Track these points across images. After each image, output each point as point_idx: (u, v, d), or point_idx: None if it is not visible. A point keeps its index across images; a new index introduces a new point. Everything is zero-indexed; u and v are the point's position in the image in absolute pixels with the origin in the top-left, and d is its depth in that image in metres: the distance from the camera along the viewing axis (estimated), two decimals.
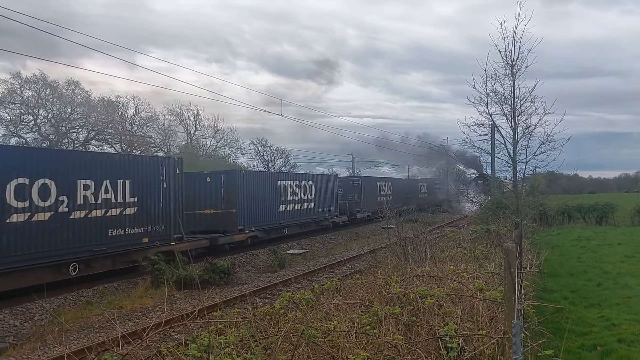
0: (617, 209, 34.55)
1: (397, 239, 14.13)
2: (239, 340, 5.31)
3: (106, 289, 16.63)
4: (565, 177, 78.03)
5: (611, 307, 10.88)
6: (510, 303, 4.83)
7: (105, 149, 53.89)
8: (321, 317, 6.26)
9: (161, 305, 14.50)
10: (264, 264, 22.47)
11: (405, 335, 5.64)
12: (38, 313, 13.93)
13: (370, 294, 7.39)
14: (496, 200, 23.03)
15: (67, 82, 49.68)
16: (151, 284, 17.24)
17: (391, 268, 10.59)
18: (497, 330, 5.75)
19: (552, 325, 9.14)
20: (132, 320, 13.61)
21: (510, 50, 17.77)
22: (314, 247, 28.59)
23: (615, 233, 26.83)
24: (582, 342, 8.58)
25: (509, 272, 4.84)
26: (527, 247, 13.80)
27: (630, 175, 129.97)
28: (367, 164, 74.77)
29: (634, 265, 16.11)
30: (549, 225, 32.98)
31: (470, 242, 14.49)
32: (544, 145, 18.12)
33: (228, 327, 6.33)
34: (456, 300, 6.74)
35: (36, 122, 48.83)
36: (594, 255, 18.87)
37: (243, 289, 16.93)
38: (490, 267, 9.13)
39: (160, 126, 59.14)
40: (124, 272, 18.34)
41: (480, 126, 19.68)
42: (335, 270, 20.46)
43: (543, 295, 11.71)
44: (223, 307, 12.94)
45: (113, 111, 53.81)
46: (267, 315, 6.72)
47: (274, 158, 72.31)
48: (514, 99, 18.24)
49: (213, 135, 63.73)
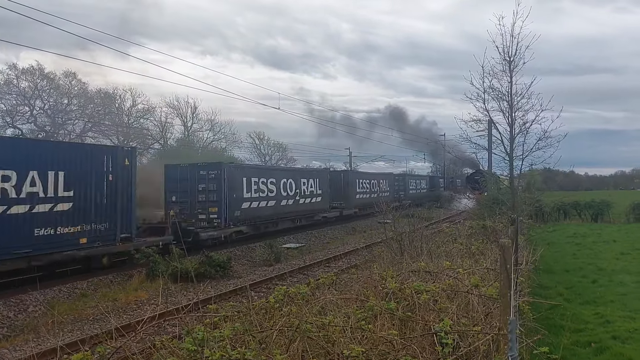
0: (613, 206, 34.66)
1: (393, 234, 14.11)
2: (234, 334, 5.29)
3: (101, 281, 16.58)
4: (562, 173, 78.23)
5: (606, 304, 10.90)
6: (506, 299, 4.81)
7: (102, 141, 53.76)
8: (316, 311, 6.24)
9: (156, 298, 14.47)
10: (260, 257, 22.45)
11: (400, 331, 5.62)
12: (32, 305, 13.88)
13: (366, 289, 7.37)
14: (492, 196, 23.06)
15: (64, 73, 49.53)
16: (146, 276, 17.22)
17: (387, 263, 10.58)
18: (492, 326, 5.73)
19: (547, 321, 9.14)
20: (127, 313, 13.58)
21: (507, 47, 17.77)
22: (310, 241, 28.57)
23: (610, 230, 26.90)
24: (577, 338, 8.60)
25: (505, 269, 4.82)
26: (522, 243, 13.81)
27: (626, 172, 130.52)
28: (363, 158, 74.90)
29: (629, 263, 16.15)
30: (544, 222, 33.05)
31: (467, 237, 14.49)
32: (540, 142, 18.16)
33: (223, 320, 6.31)
34: (452, 296, 6.73)
35: (32, 113, 48.66)
36: (589, 252, 18.92)
37: (239, 282, 16.93)
38: (486, 263, 9.12)
39: (157, 119, 59.01)
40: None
41: (477, 122, 19.72)
42: (331, 264, 20.47)
43: (538, 292, 11.71)
44: (218, 301, 12.93)
45: (110, 103, 53.65)
46: (262, 309, 6.70)
47: (271, 152, 72.29)
48: (511, 95, 18.27)
49: (210, 128, 63.58)
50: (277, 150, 72.56)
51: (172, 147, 57.35)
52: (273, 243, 23.20)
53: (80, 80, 51.01)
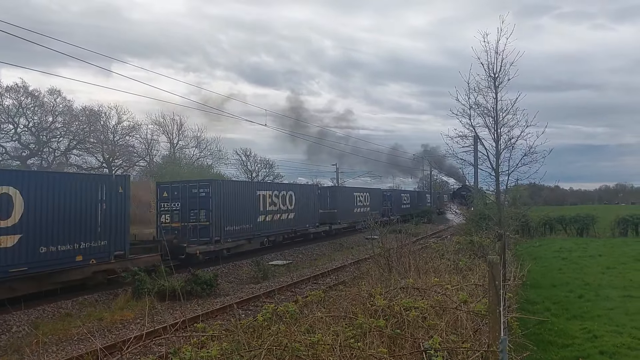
0: (598, 220, 34.92)
1: (380, 250, 14.09)
2: (222, 353, 5.23)
3: (86, 300, 16.36)
4: (547, 188, 79.01)
5: (593, 319, 10.93)
6: (495, 316, 4.81)
7: (87, 159, 53.37)
8: (305, 329, 6.20)
9: (142, 317, 14.29)
10: (246, 275, 22.30)
11: (389, 348, 5.59)
12: (15, 325, 13.65)
13: (355, 306, 7.33)
14: (479, 212, 23.16)
15: (49, 91, 49.31)
16: (132, 295, 17.01)
17: (375, 280, 10.54)
18: (482, 342, 5.73)
19: (535, 337, 9.16)
20: (112, 333, 13.39)
21: (492, 63, 17.96)
22: (297, 257, 28.46)
23: (596, 244, 27.07)
24: (565, 354, 8.61)
25: (494, 285, 4.83)
26: (509, 258, 13.85)
27: (610, 187, 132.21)
28: (350, 174, 75.04)
29: (614, 277, 16.24)
30: (530, 237, 33.23)
31: (454, 253, 14.50)
32: (526, 157, 18.29)
33: (211, 339, 6.25)
34: (440, 312, 6.72)
35: (16, 131, 48.27)
36: (575, 266, 19.00)
37: (226, 300, 16.77)
38: (474, 279, 9.13)
39: (143, 136, 58.79)
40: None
41: (463, 138, 19.84)
42: (319, 281, 20.38)
43: (526, 307, 11.74)
44: (205, 319, 12.80)
45: (95, 120, 53.40)
46: (250, 328, 6.64)
47: (257, 168, 72.26)
48: (496, 111, 18.41)
49: (196, 145, 63.47)
50: (264, 166, 72.62)
51: (158, 164, 57.11)
52: (260, 260, 23.09)
53: (65, 98, 50.84)
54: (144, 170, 55.93)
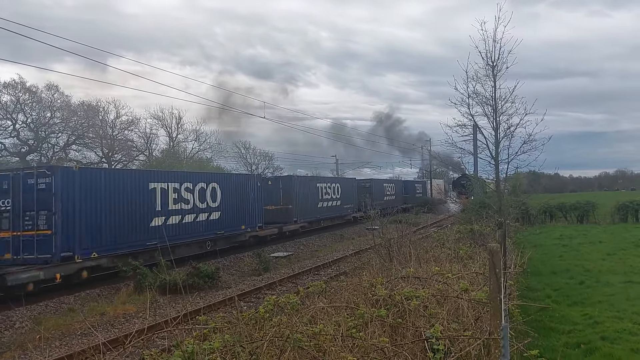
0: (598, 207, 34.95)
1: (381, 240, 14.10)
2: (224, 345, 5.24)
3: (88, 295, 16.41)
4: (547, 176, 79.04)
5: (594, 305, 10.96)
6: (496, 304, 4.82)
7: (86, 154, 53.32)
8: (307, 320, 6.20)
9: (144, 311, 14.33)
10: (248, 267, 22.36)
11: (391, 338, 5.61)
12: (18, 321, 13.69)
13: (356, 297, 7.35)
14: (479, 200, 23.16)
15: (47, 87, 49.14)
16: (134, 289, 17.05)
17: (376, 270, 10.55)
18: (483, 330, 5.74)
19: (536, 324, 9.19)
20: (115, 327, 13.43)
21: (490, 52, 17.86)
22: (298, 249, 28.52)
23: (596, 231, 27.12)
24: (566, 340, 8.63)
25: (494, 273, 4.83)
26: (510, 246, 13.87)
27: (609, 173, 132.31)
28: (350, 165, 75.02)
29: (615, 263, 16.28)
30: (531, 225, 33.26)
31: (454, 242, 14.51)
32: (525, 145, 18.21)
33: (213, 332, 6.26)
34: (441, 301, 6.72)
35: (15, 127, 48.18)
36: (576, 253, 19.05)
37: (227, 292, 16.82)
38: (474, 267, 9.14)
39: (142, 130, 58.69)
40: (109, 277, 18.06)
41: (462, 127, 19.77)
42: (320, 272, 20.42)
43: (527, 294, 11.77)
44: (207, 312, 12.84)
45: (93, 115, 53.26)
46: (252, 320, 6.64)
47: (257, 161, 72.16)
48: (495, 100, 18.31)
49: (196, 139, 63.33)
50: (263, 159, 72.51)
51: (158, 158, 57.03)
52: (261, 252, 23.14)
53: (62, 93, 50.66)
54: (143, 164, 55.80)
